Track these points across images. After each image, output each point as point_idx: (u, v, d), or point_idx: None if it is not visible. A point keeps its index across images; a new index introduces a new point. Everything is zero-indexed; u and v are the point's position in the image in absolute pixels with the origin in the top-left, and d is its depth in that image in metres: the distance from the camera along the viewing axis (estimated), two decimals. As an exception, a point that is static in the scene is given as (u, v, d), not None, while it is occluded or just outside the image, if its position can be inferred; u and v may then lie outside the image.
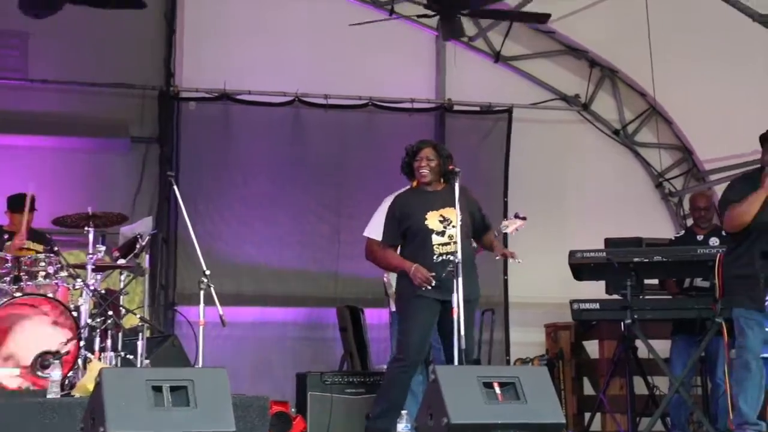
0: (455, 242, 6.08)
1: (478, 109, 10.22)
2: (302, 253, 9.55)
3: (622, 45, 9.93)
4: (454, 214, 6.15)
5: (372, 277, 8.24)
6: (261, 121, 9.61)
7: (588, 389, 9.23)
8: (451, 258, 6.05)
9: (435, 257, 6.16)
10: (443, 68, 10.24)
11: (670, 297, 7.79)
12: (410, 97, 9.88)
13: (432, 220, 6.21)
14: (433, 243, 6.17)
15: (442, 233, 6.19)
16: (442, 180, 6.33)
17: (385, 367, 6.70)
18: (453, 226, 6.16)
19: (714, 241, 7.50)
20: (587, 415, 8.53)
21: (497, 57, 10.33)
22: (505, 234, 6.89)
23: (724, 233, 6.77)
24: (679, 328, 7.55)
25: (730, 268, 6.33)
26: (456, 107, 10.15)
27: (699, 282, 7.52)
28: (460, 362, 5.82)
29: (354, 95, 9.78)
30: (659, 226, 8.33)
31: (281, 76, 9.70)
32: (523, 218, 6.88)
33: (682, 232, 7.96)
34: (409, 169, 6.35)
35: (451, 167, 6.32)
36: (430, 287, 6.08)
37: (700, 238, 7.67)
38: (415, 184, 6.41)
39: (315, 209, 9.66)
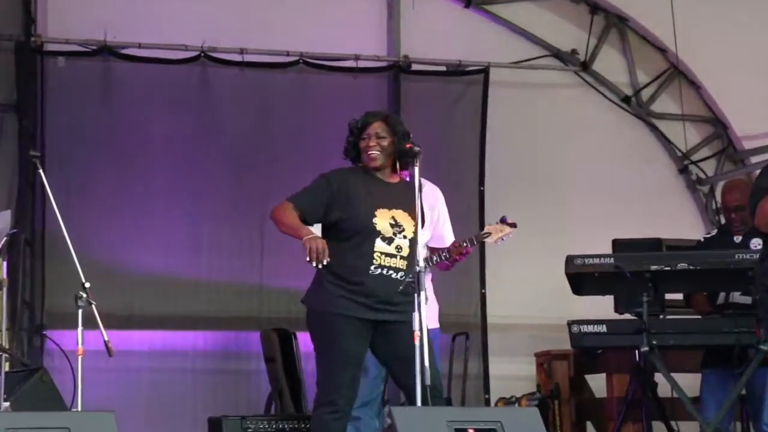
0: (403, 257, 6.12)
1: (443, 68, 10.30)
2: (214, 259, 9.58)
3: (634, -16, 10.14)
4: (408, 222, 6.16)
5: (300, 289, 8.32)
6: (155, 83, 9.60)
7: (592, 437, 9.37)
8: (393, 275, 6.09)
9: (372, 268, 6.16)
10: (397, 16, 10.31)
11: (700, 317, 7.90)
12: (354, 53, 9.93)
13: (382, 220, 6.19)
14: (375, 249, 6.16)
15: (389, 240, 6.18)
16: (397, 166, 6.32)
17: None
18: (404, 236, 6.17)
19: (756, 243, 7.59)
20: (591, 472, 8.69)
21: (469, 1, 10.42)
22: (482, 242, 6.94)
23: None
24: (712, 357, 7.64)
25: (764, 279, 6.38)
26: (415, 66, 10.21)
27: (737, 297, 7.62)
28: (425, 402, 5.84)
29: (280, 50, 9.81)
30: (684, 223, 8.45)
31: (182, 25, 9.69)
32: (512, 225, 6.88)
33: (714, 231, 8.06)
34: (355, 152, 6.34)
35: (408, 146, 6.29)
36: (319, 265, 6.05)
37: (737, 239, 7.77)
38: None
39: (230, 203, 9.69)
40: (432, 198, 7.02)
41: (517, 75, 10.47)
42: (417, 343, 5.82)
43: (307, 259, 6.01)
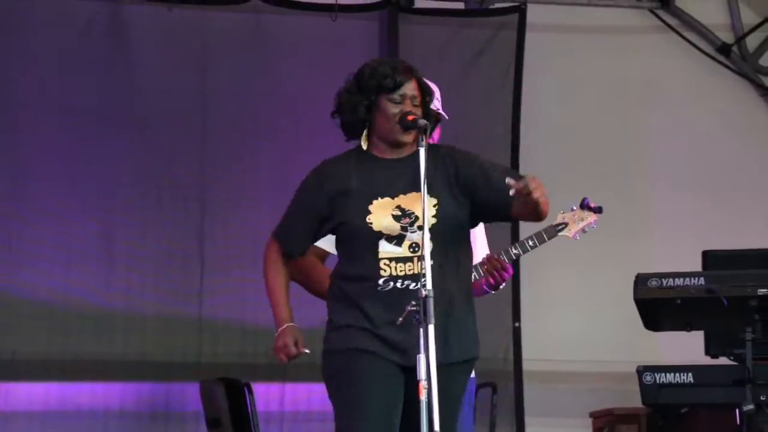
0: (421, 258, 6.15)
1: (462, 6, 10.43)
2: (133, 279, 9.66)
3: None
4: (418, 206, 6.23)
5: (267, 325, 8.29)
6: (45, 27, 9.68)
7: None
8: (413, 286, 6.13)
9: (381, 282, 6.22)
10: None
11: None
12: (332, -15, 10.03)
13: (379, 214, 6.25)
14: (380, 256, 6.23)
15: (398, 240, 6.24)
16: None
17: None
18: (419, 227, 6.24)
19: None
20: None
21: None
22: (527, 244, 7.00)
23: None
24: None
25: None
26: (419, 3, 10.35)
27: None
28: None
29: (226, -20, 9.92)
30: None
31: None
32: (597, 209, 6.96)
33: None
34: (366, 115, 6.40)
35: (411, 118, 6.38)
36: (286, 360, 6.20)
37: None
38: (365, 145, 6.47)
39: (154, 199, 9.76)
40: None
41: (565, 15, 10.66)
42: (423, 398, 5.89)
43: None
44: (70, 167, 9.62)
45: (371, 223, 6.21)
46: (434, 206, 6.19)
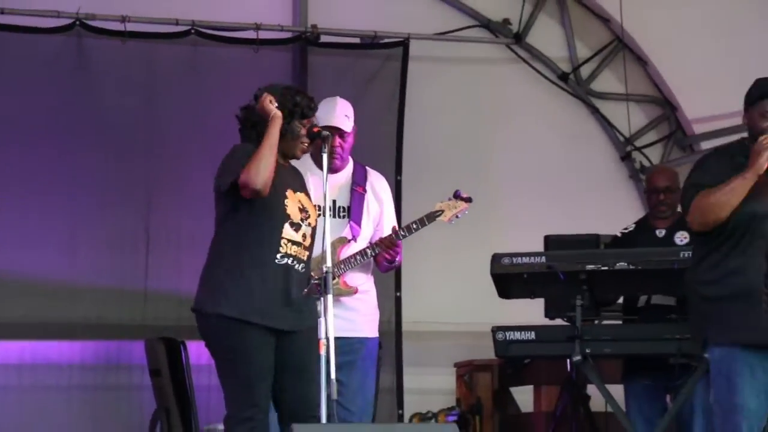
0: (306, 248, 6.37)
1: (357, 40, 10.46)
2: (92, 259, 9.66)
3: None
4: (312, 208, 6.43)
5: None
6: (24, 54, 9.62)
7: (517, 456, 9.61)
8: (296, 266, 6.32)
9: (279, 255, 6.38)
10: (305, -21, 10.46)
11: (639, 322, 8.06)
12: (255, 22, 10.02)
13: (292, 203, 6.43)
14: (283, 235, 6.40)
15: (296, 227, 6.41)
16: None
17: (219, 427, 6.90)
18: (309, 224, 6.42)
19: (682, 237, 7.84)
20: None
21: (386, -37, 10.62)
22: (403, 229, 7.18)
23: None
24: (636, 367, 7.91)
25: (699, 286, 6.55)
26: (324, 38, 10.34)
27: (658, 298, 7.87)
28: (330, 418, 6.06)
29: (169, 18, 9.89)
30: (625, 218, 8.58)
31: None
32: (467, 199, 7.17)
33: (633, 226, 8.24)
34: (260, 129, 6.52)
35: (316, 129, 6.56)
36: None
37: (660, 233, 8.01)
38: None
39: (111, 195, 9.76)
40: (382, 190, 7.34)
41: (440, 48, 10.67)
42: (323, 353, 6.05)
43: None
44: (42, 170, 9.60)
45: (286, 206, 6.41)
46: (318, 210, 6.46)
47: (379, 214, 7.23)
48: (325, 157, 6.38)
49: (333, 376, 6.05)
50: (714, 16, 10.05)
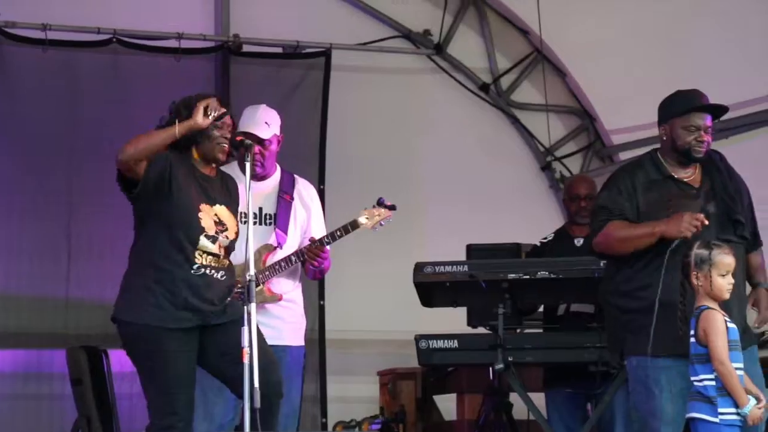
0: (224, 257, 6.31)
1: (280, 50, 10.45)
2: (12, 267, 9.60)
3: (494, -43, 10.41)
4: (231, 220, 6.36)
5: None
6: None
7: (441, 465, 9.63)
8: (215, 275, 6.28)
9: (195, 267, 6.32)
10: (227, -11, 10.46)
11: (560, 331, 8.08)
12: (177, 32, 9.99)
13: (206, 216, 6.37)
14: (199, 246, 6.34)
15: (213, 239, 6.36)
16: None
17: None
18: (227, 237, 6.36)
19: None
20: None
21: (309, -27, 10.62)
22: (326, 237, 7.14)
23: None
24: (557, 375, 7.94)
25: (615, 298, 6.61)
26: (246, 48, 10.33)
27: (577, 306, 7.92)
28: (254, 427, 5.98)
29: (90, 26, 9.83)
30: (546, 227, 8.62)
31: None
32: (391, 207, 7.14)
33: (551, 235, 8.29)
34: (195, 137, 6.45)
35: (239, 138, 6.50)
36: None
37: (578, 242, 8.06)
38: (196, 156, 6.52)
39: (31, 202, 9.70)
40: (309, 198, 7.28)
41: (362, 58, 10.68)
42: (246, 361, 5.99)
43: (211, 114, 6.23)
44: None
45: (200, 219, 6.37)
46: (236, 223, 6.41)
47: (307, 221, 7.20)
48: (248, 165, 6.33)
49: (257, 384, 5.99)
50: (632, 29, 10.09)
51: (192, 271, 6.27)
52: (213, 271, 6.30)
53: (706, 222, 6.37)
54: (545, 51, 10.75)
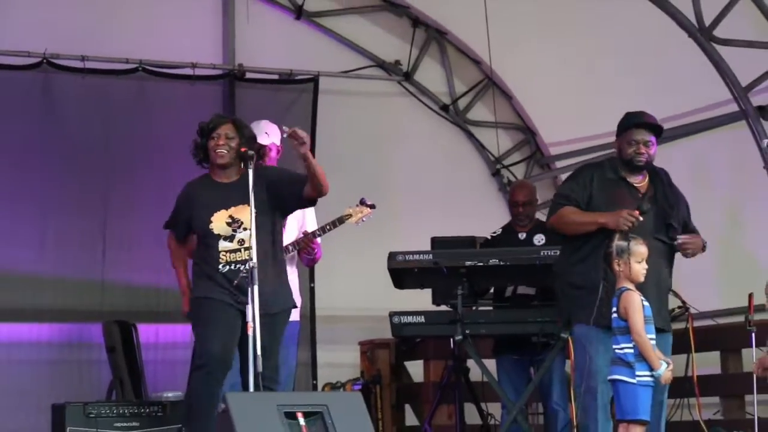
0: (247, 248, 6.35)
1: (276, 77, 10.46)
2: (58, 256, 9.60)
3: (452, 0, 10.33)
4: (247, 213, 6.41)
5: (146, 285, 8.35)
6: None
7: (411, 418, 9.63)
8: (242, 268, 6.32)
9: (221, 266, 6.39)
10: (232, 25, 10.43)
11: (509, 308, 8.09)
12: (191, 62, 10.03)
13: (218, 222, 6.44)
14: (220, 250, 6.41)
15: (230, 238, 6.43)
16: (241, 165, 6.55)
17: (165, 395, 6.90)
18: (244, 229, 6.41)
19: (540, 238, 7.96)
20: (410, 449, 8.95)
21: (299, 12, 10.58)
22: (320, 228, 7.20)
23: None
24: (506, 344, 7.99)
25: (568, 276, 6.74)
26: (249, 75, 10.33)
27: (522, 288, 7.99)
28: (257, 388, 6.05)
29: (120, 57, 9.85)
30: (496, 223, 8.71)
31: (22, 30, 9.64)
32: (371, 206, 7.22)
33: (500, 230, 8.32)
34: (203, 152, 6.54)
35: (243, 150, 6.56)
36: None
37: (522, 236, 8.12)
38: (211, 173, 6.61)
39: (74, 202, 9.69)
40: None
41: (344, 84, 10.68)
42: (250, 333, 6.08)
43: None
44: (17, 182, 9.53)
45: (212, 229, 6.43)
46: (255, 213, 6.42)
47: (302, 218, 7.26)
48: (250, 172, 6.39)
49: (259, 352, 6.06)
50: (566, 59, 10.11)
51: (219, 270, 6.42)
52: (238, 265, 6.40)
53: (641, 218, 6.48)
54: (494, 78, 10.80)
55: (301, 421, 5.65)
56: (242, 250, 6.39)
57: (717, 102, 9.31)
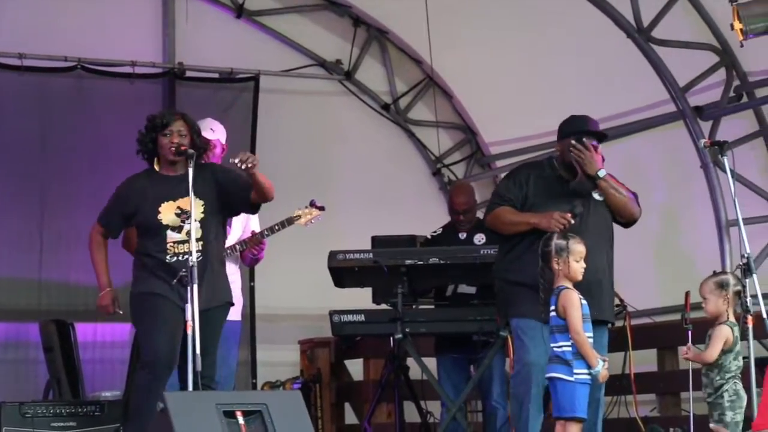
0: (197, 239, 6.34)
1: (216, 75, 10.43)
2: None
3: (394, 0, 10.36)
4: (196, 205, 6.39)
5: (84, 284, 8.27)
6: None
7: (350, 417, 9.64)
8: (192, 258, 6.28)
9: (168, 257, 6.37)
10: (172, 24, 10.38)
11: (448, 307, 8.12)
12: (131, 60, 9.98)
13: (167, 213, 6.42)
14: (168, 240, 6.39)
15: (178, 229, 6.41)
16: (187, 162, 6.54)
17: (103, 394, 6.85)
18: (194, 220, 6.40)
19: (480, 238, 7.97)
20: (349, 448, 8.96)
21: (240, 11, 10.55)
22: (268, 229, 7.18)
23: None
24: (446, 343, 8.00)
25: (504, 274, 6.81)
26: (189, 73, 10.29)
27: (463, 288, 8.00)
28: (196, 387, 6.02)
29: (58, 55, 9.77)
30: (437, 221, 8.72)
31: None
32: (321, 208, 7.21)
33: (440, 229, 8.33)
34: (152, 146, 6.51)
35: (183, 148, 6.54)
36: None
37: (462, 236, 8.13)
38: (156, 166, 6.56)
39: (10, 201, 9.62)
40: None
41: (286, 83, 10.67)
42: (189, 332, 6.05)
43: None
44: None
45: (161, 219, 6.39)
46: (202, 206, 6.39)
47: (247, 218, 7.24)
48: (190, 170, 6.37)
49: (198, 351, 6.03)
50: (505, 60, 10.17)
51: (167, 261, 6.39)
52: (186, 256, 6.33)
53: (572, 221, 6.54)
54: (435, 77, 10.83)
55: (240, 420, 5.64)
56: (190, 241, 6.40)
57: (655, 102, 9.41)
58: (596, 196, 6.76)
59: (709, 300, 6.59)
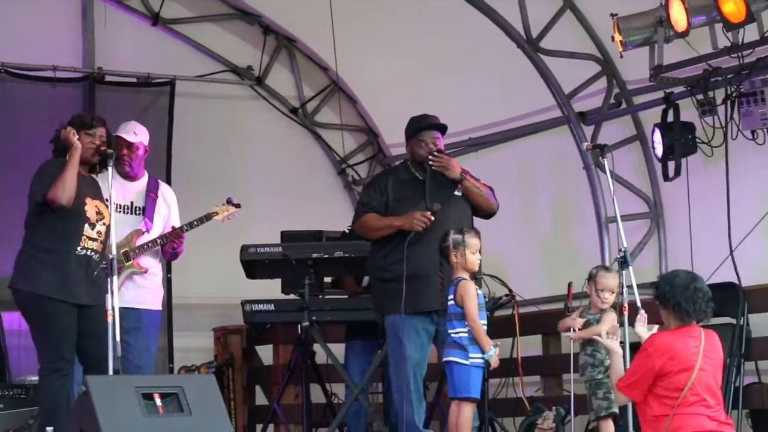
0: (101, 242, 6.39)
1: (134, 80, 10.40)
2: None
3: (301, 10, 10.40)
4: (106, 211, 6.44)
5: (9, 275, 8.24)
6: None
7: (261, 398, 9.72)
8: (94, 257, 6.33)
9: (79, 248, 6.40)
10: (91, 30, 10.34)
11: (350, 297, 8.35)
12: (53, 65, 9.91)
13: (90, 208, 6.45)
14: (84, 233, 6.42)
15: (93, 226, 6.45)
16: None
17: (29, 378, 6.85)
18: (104, 224, 6.44)
19: None
20: (259, 427, 8.97)
21: (156, 19, 10.54)
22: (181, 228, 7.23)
23: None
24: (355, 330, 8.14)
25: (376, 272, 6.97)
26: (108, 78, 10.26)
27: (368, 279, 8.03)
28: (116, 372, 6.07)
29: (-19, 60, 9.76)
30: (342, 217, 8.83)
31: None
32: (237, 205, 7.27)
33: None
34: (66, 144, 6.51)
35: (103, 148, 6.59)
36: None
37: None
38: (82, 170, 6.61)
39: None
40: (170, 198, 7.43)
41: (200, 88, 10.68)
42: (110, 320, 6.08)
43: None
44: None
45: (86, 210, 6.47)
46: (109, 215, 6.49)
47: (167, 215, 7.31)
48: (110, 169, 6.43)
49: (118, 338, 6.07)
50: (407, 66, 10.25)
51: (77, 252, 6.42)
52: (92, 253, 6.46)
53: (432, 218, 6.66)
54: (340, 84, 10.87)
55: (158, 401, 5.70)
56: (98, 241, 6.45)
57: (542, 108, 9.59)
58: (456, 192, 6.92)
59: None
